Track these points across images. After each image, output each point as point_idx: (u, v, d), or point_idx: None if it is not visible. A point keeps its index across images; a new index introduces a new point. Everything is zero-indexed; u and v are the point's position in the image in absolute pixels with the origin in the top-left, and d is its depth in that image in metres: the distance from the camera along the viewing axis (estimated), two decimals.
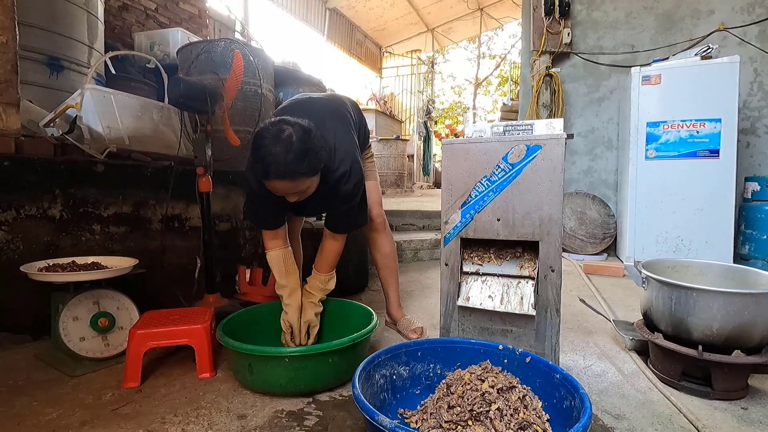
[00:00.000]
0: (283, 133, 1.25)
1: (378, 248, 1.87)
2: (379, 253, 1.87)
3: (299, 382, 1.27)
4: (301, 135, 1.27)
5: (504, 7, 10.62)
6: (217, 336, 1.35)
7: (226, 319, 1.46)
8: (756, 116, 3.53)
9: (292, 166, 1.25)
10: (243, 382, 1.34)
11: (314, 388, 1.30)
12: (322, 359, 1.28)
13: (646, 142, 3.21)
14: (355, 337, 1.31)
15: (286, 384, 1.26)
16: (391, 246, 1.89)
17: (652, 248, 3.21)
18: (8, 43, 1.57)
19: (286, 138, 1.24)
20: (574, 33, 4.03)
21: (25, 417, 1.15)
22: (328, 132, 1.46)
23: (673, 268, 1.62)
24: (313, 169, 1.31)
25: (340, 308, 1.71)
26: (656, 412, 1.23)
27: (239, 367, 1.33)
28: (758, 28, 3.48)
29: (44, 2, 2.50)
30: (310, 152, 1.27)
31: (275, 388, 1.28)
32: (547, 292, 1.26)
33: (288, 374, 1.25)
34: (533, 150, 1.23)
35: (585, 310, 2.12)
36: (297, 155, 1.24)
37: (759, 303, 1.25)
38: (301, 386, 1.28)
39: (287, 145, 1.24)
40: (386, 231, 1.88)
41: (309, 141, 1.28)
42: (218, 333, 1.35)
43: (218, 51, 2.32)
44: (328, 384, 1.33)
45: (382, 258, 1.88)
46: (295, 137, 1.25)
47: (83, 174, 1.78)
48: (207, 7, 5.16)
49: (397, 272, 1.93)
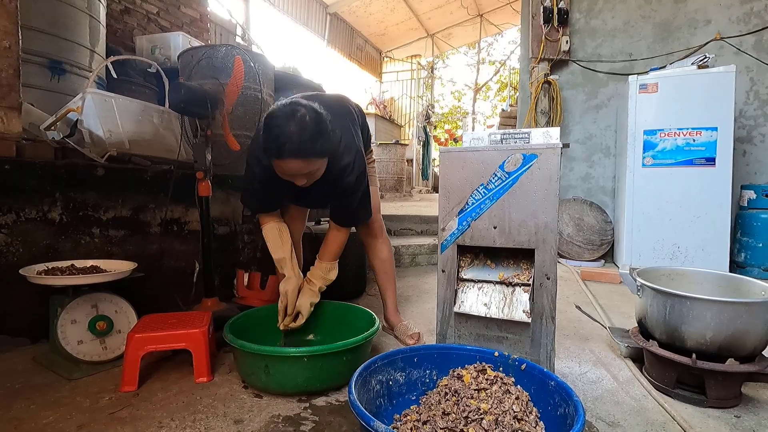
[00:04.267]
0: (297, 113, 1.26)
1: (376, 254, 1.88)
2: (377, 259, 1.89)
3: (315, 381, 1.30)
4: (315, 116, 1.28)
5: (504, 14, 10.70)
6: (228, 339, 1.34)
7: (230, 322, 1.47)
8: (752, 125, 3.56)
9: (307, 144, 1.26)
10: (256, 385, 1.35)
11: (329, 385, 1.34)
12: (338, 357, 1.31)
13: (643, 150, 3.23)
14: (367, 335, 1.36)
15: (303, 383, 1.29)
16: (389, 252, 1.90)
17: (648, 255, 3.23)
18: (11, 47, 1.58)
19: (300, 117, 1.25)
20: (573, 41, 4.07)
21: (22, 420, 1.15)
22: (334, 124, 1.48)
23: (667, 276, 1.64)
24: (325, 151, 1.33)
25: (342, 311, 1.73)
26: (650, 419, 1.24)
27: (253, 369, 1.33)
28: (754, 37, 3.52)
29: (47, 6, 2.52)
30: (323, 133, 1.29)
31: (292, 388, 1.31)
32: (543, 300, 1.27)
33: (305, 373, 1.28)
34: (529, 159, 1.24)
35: (581, 316, 2.13)
36: (311, 135, 1.25)
37: (751, 312, 1.26)
38: (317, 385, 1.31)
39: (302, 124, 1.25)
40: (384, 237, 1.89)
41: (322, 122, 1.29)
42: (229, 337, 1.34)
43: (219, 56, 2.34)
44: (341, 382, 1.35)
45: (380, 263, 1.89)
46: (308, 117, 1.26)
47: (83, 177, 1.79)
48: (208, 11, 5.19)
49: (395, 278, 1.94)
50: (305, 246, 2.18)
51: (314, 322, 1.67)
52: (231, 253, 2.40)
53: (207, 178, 1.79)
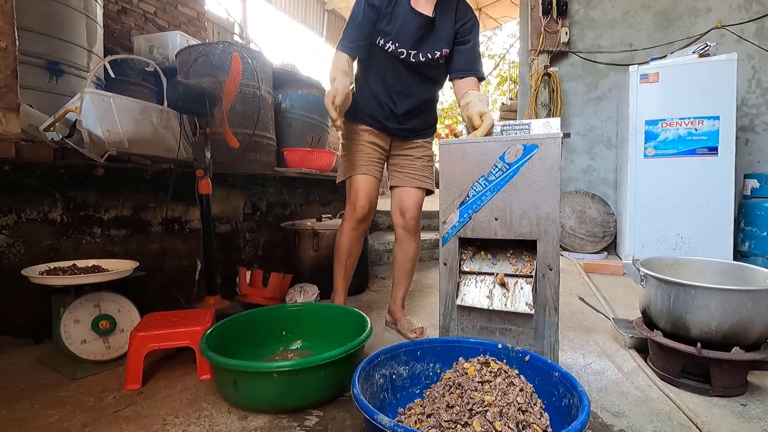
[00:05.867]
0: None
1: (404, 249, 1.87)
2: (403, 254, 1.87)
3: (289, 398, 1.19)
4: None
5: (502, 7, 10.62)
6: (200, 350, 1.25)
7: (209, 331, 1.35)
8: (754, 113, 3.54)
9: None
10: (228, 399, 1.26)
11: (308, 403, 1.22)
12: (313, 373, 1.17)
13: (645, 140, 3.21)
14: (349, 347, 1.22)
15: (276, 400, 1.19)
16: (417, 250, 1.89)
17: (651, 246, 3.21)
18: (8, 48, 1.58)
19: None
20: (572, 32, 4.04)
21: (26, 420, 1.16)
22: None
23: (671, 265, 1.63)
24: None
25: (332, 313, 1.65)
26: (655, 409, 1.23)
27: (222, 383, 1.24)
28: (756, 25, 3.49)
29: (43, 7, 2.51)
30: None
31: (264, 405, 1.20)
32: (546, 291, 1.27)
33: (277, 390, 1.17)
34: (530, 149, 1.23)
35: (585, 308, 2.12)
36: None
37: (756, 300, 1.25)
38: (292, 402, 1.20)
39: None
40: (418, 235, 1.88)
41: None
42: (201, 347, 1.25)
43: (217, 54, 2.33)
44: (322, 399, 1.24)
45: (404, 259, 1.88)
46: None
47: (83, 178, 1.79)
48: (205, 10, 5.18)
49: (413, 276, 1.94)
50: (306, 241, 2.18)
51: (304, 325, 1.62)
52: (233, 251, 2.40)
53: (207, 176, 1.78)
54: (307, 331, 1.62)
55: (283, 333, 1.61)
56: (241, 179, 2.43)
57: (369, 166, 1.77)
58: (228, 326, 1.45)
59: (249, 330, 1.52)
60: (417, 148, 1.85)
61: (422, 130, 1.85)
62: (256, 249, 2.53)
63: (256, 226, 2.54)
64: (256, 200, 2.54)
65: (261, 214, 2.57)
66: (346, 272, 1.86)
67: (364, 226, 1.83)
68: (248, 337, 1.51)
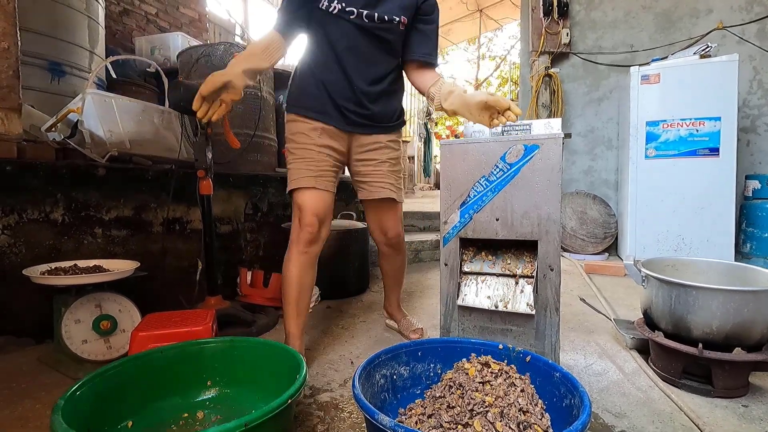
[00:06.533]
0: None
1: (390, 262, 1.82)
2: (390, 266, 1.83)
3: None
4: None
5: (503, 8, 10.63)
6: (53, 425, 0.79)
7: (66, 396, 0.89)
8: (756, 114, 3.53)
9: None
10: None
11: None
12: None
13: (646, 141, 3.21)
14: (249, 419, 0.79)
15: None
16: (403, 261, 1.85)
17: (652, 247, 3.21)
18: (10, 49, 1.59)
19: None
20: (573, 33, 4.04)
21: (28, 419, 1.16)
22: None
23: (672, 266, 1.63)
24: None
25: (259, 352, 1.22)
26: (657, 410, 1.23)
27: None
28: (757, 26, 3.49)
29: (45, 8, 2.52)
30: None
31: None
32: (547, 291, 1.27)
33: None
34: (531, 149, 1.23)
35: (586, 309, 2.12)
36: None
37: (758, 300, 1.25)
38: None
39: None
40: (402, 249, 1.81)
41: None
42: (54, 420, 0.79)
43: (218, 54, 2.34)
44: None
45: (391, 270, 1.85)
46: None
47: (85, 178, 1.79)
48: (207, 11, 5.20)
49: (403, 280, 1.92)
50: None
51: (216, 364, 1.22)
52: (234, 252, 2.40)
53: (208, 176, 1.78)
54: (221, 373, 1.22)
55: (195, 378, 1.20)
56: (242, 180, 2.43)
57: (319, 178, 1.45)
58: (113, 376, 1.04)
59: (141, 378, 1.11)
60: (380, 149, 1.56)
61: (387, 120, 1.55)
62: (257, 249, 2.53)
63: (257, 227, 2.54)
64: (257, 201, 2.54)
65: (262, 215, 2.57)
66: (298, 310, 1.48)
67: (316, 249, 1.50)
68: (142, 389, 1.10)
